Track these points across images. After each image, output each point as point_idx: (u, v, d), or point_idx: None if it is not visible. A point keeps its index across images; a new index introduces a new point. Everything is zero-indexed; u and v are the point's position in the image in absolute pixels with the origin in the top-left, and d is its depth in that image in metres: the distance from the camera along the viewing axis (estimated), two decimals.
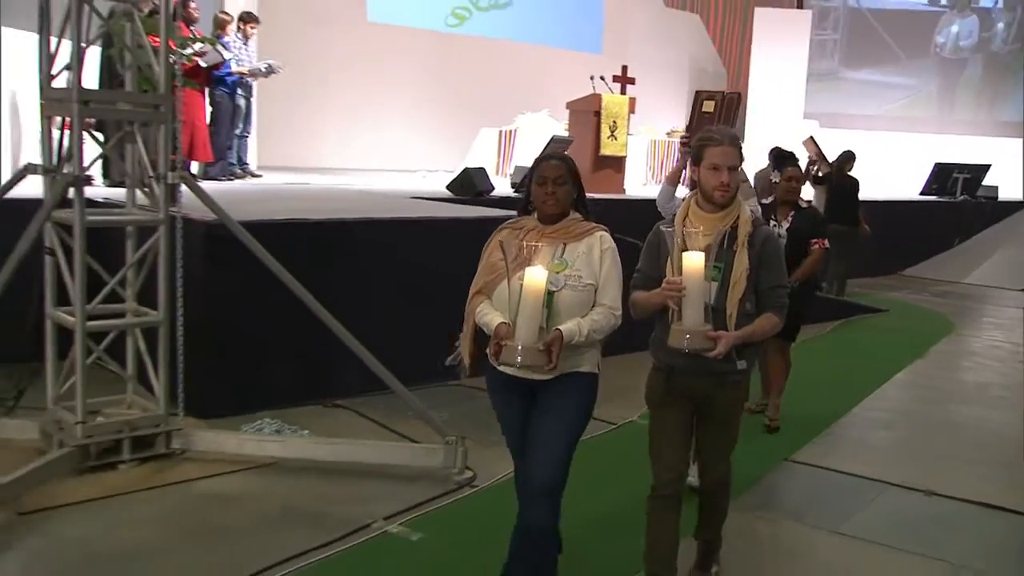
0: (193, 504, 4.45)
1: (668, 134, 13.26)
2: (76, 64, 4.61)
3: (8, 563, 3.78)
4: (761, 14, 16.37)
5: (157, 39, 4.99)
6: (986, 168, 15.28)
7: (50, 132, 4.84)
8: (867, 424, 6.31)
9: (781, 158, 5.90)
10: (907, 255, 13.30)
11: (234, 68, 9.40)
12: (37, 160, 4.85)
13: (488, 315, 3.28)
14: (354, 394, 5.86)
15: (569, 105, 10.52)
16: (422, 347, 5.20)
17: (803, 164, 11.87)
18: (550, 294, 3.11)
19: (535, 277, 3.01)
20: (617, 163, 10.03)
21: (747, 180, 5.26)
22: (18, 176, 4.93)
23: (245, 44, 9.81)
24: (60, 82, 4.75)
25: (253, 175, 10.28)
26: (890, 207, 11.77)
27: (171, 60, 4.94)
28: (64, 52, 4.74)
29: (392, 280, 6.21)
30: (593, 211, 3.49)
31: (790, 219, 5.71)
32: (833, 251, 11.44)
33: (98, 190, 6.58)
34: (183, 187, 4.99)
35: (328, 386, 5.91)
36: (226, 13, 9.60)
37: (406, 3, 14.52)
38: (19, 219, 4.70)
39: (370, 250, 6.20)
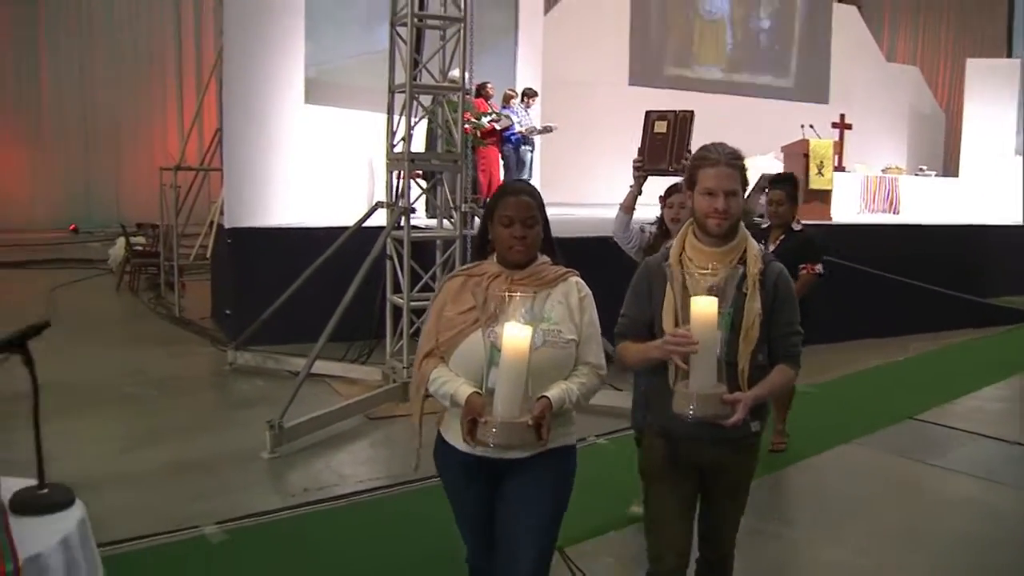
0: None
1: (883, 171, 13.61)
2: (407, 136, 6.38)
3: (362, 443, 5.50)
4: (973, 64, 16.18)
5: (466, 113, 6.71)
6: None
7: (390, 181, 6.64)
8: (989, 397, 6.88)
9: (772, 182, 5.16)
10: None
11: (517, 129, 11.16)
12: (382, 199, 6.65)
13: (449, 383, 2.41)
14: None
15: (783, 148, 11.32)
16: None
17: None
18: None
19: (517, 336, 2.21)
20: (824, 195, 10.66)
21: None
22: (372, 209, 6.75)
23: (527, 111, 11.53)
24: (398, 148, 6.54)
25: None
26: None
27: (468, 127, 6.61)
28: (400, 129, 6.53)
29: (604, 282, 7.44)
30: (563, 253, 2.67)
31: (778, 243, 5.07)
32: None
33: (419, 221, 8.35)
34: (473, 216, 6.65)
35: None
36: (512, 90, 11.38)
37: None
38: (369, 239, 6.49)
39: (597, 260, 7.50)
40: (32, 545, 2.07)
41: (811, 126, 11.12)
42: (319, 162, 8.76)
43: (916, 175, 14.29)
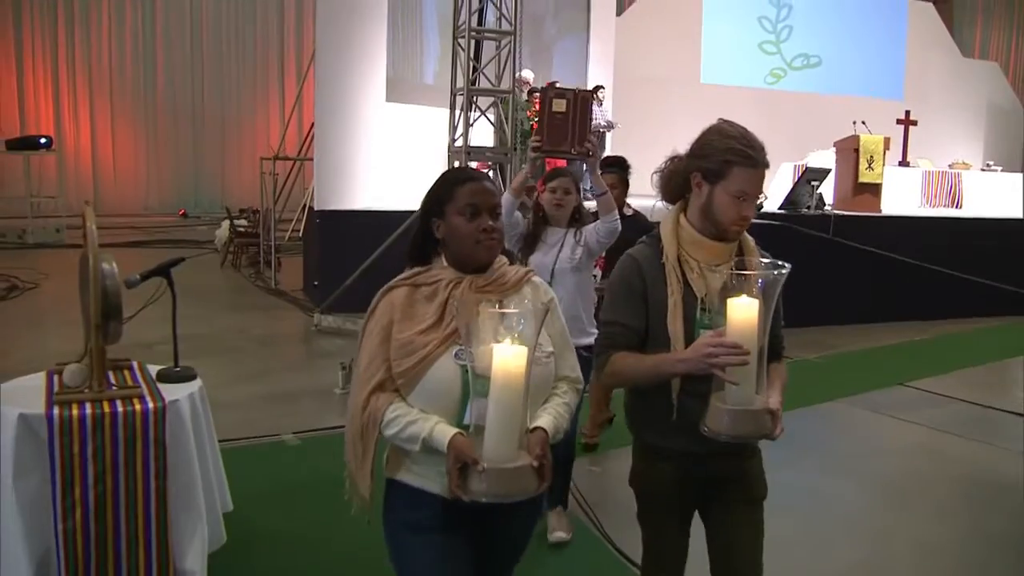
0: None
1: (950, 166, 14.11)
2: (465, 131, 7.55)
3: None
4: None
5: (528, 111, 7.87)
6: None
7: None
8: (987, 371, 7.64)
9: (602, 165, 4.73)
10: None
11: None
12: None
13: (418, 422, 1.96)
14: None
15: (835, 144, 12.05)
16: None
17: None
18: None
19: (510, 359, 1.79)
20: (874, 189, 11.34)
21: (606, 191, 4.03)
22: None
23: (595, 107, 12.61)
24: (458, 143, 7.73)
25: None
26: None
27: (536, 123, 7.72)
28: (461, 126, 7.74)
29: None
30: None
31: None
32: None
33: None
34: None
35: None
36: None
37: (732, 67, 16.55)
38: None
39: None
40: (171, 395, 3.32)
41: (863, 122, 11.81)
42: (396, 153, 10.05)
43: (982, 171, 14.71)
